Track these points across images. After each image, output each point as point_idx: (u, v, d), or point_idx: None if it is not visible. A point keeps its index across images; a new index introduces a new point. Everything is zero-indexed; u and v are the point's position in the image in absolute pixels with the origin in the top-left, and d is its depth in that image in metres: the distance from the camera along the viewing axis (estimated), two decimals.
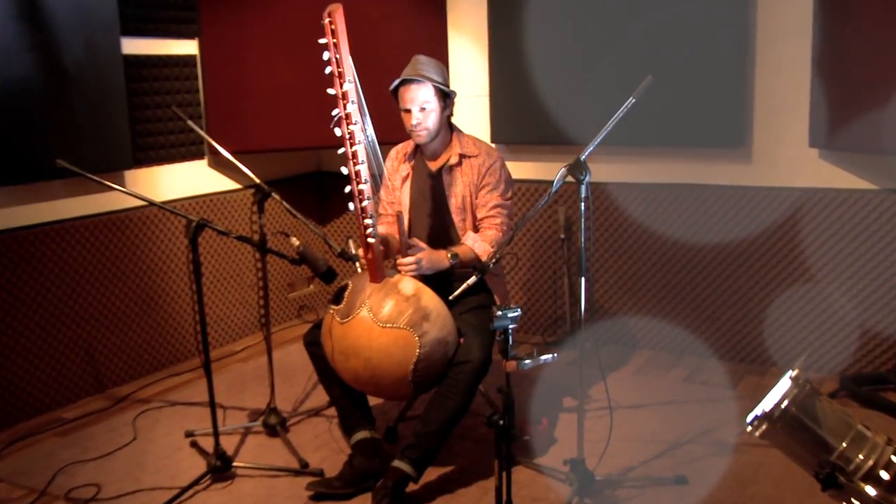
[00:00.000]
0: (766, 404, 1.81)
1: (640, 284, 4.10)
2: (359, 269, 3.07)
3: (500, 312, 2.39)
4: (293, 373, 3.99)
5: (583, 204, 2.59)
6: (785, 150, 3.68)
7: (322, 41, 2.49)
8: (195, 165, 4.29)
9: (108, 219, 3.83)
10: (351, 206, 2.61)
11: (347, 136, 2.53)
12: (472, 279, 2.72)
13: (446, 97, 2.93)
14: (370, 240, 2.65)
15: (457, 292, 2.74)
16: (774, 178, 3.72)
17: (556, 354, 2.43)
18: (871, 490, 1.75)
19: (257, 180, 3.21)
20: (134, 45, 3.90)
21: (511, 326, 2.42)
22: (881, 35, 3.19)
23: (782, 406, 1.80)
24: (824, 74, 3.45)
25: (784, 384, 1.82)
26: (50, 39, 3.44)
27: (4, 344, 3.45)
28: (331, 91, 2.52)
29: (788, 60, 3.61)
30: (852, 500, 1.77)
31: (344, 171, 2.58)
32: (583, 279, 2.63)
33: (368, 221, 2.62)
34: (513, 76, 4.17)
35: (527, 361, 2.42)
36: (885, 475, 1.76)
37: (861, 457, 1.77)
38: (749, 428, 1.85)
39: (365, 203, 2.59)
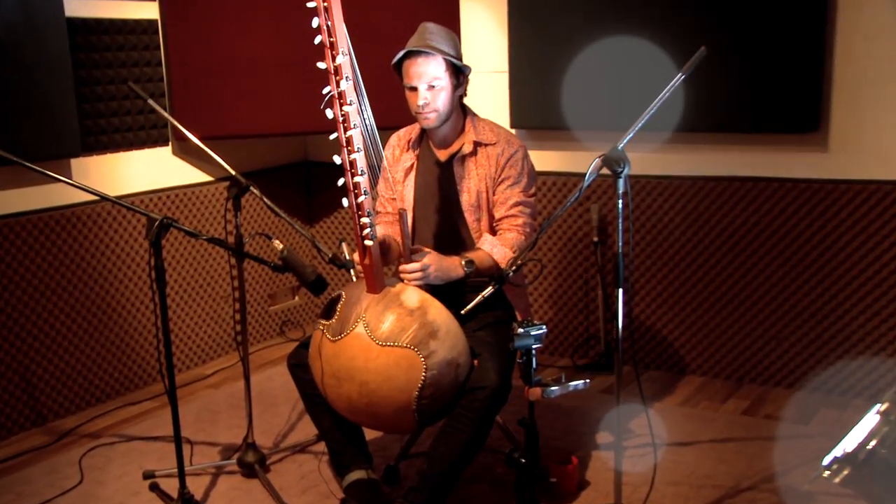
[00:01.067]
0: (848, 444, 1.79)
1: (690, 297, 4.09)
2: (353, 278, 3.07)
3: (521, 330, 2.39)
4: (275, 401, 4.00)
5: (620, 201, 2.59)
6: (871, 135, 3.64)
7: (311, 5, 2.49)
8: (157, 153, 4.30)
9: (51, 216, 3.84)
10: (345, 202, 2.62)
11: (341, 119, 2.53)
12: (489, 290, 2.72)
13: (459, 73, 2.93)
14: (367, 242, 2.65)
15: (470, 305, 2.74)
16: (857, 169, 3.68)
17: (588, 380, 2.42)
18: None
19: (232, 171, 3.22)
20: (80, 7, 3.90)
21: (535, 346, 2.42)
22: None
23: (868, 447, 1.78)
24: None
25: (870, 420, 1.80)
26: None
27: None
28: (321, 65, 2.52)
29: (879, 21, 3.54)
30: None
31: (337, 160, 2.58)
32: (620, 290, 2.62)
33: (365, 220, 2.62)
34: (537, 49, 4.16)
35: (553, 388, 2.41)
36: None
37: None
38: (826, 473, 1.83)
39: (361, 199, 2.59)
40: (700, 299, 4.06)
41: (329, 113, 2.54)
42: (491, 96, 4.35)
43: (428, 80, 2.85)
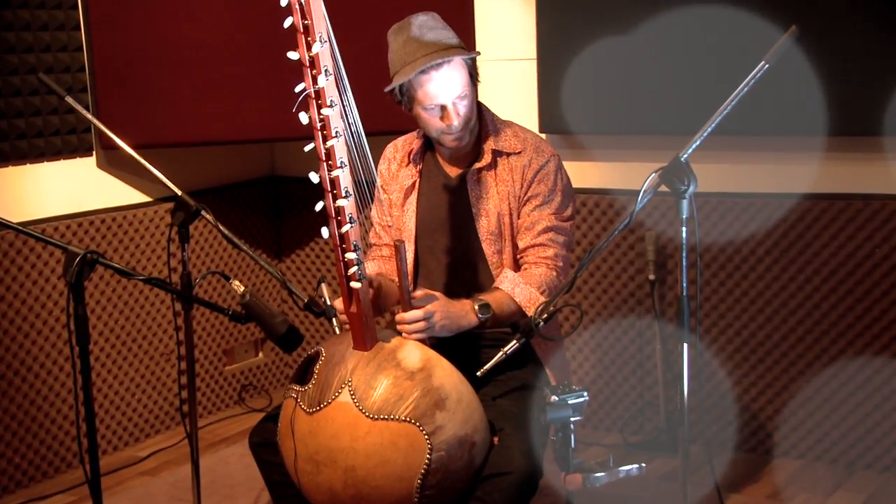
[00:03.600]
0: None
1: (779, 353, 4.09)
2: (336, 330, 3.10)
3: (555, 397, 2.42)
4: (231, 491, 4.00)
5: (684, 228, 2.63)
6: None
7: None
8: (78, 165, 4.34)
9: None
10: (325, 232, 2.65)
11: (319, 125, 2.57)
12: (513, 345, 2.75)
13: (472, 67, 2.97)
14: (354, 284, 2.68)
15: (489, 365, 2.76)
16: None
17: (643, 464, 2.44)
18: None
19: (178, 191, 3.26)
20: None
21: (573, 419, 2.45)
22: None
23: None
24: None
25: None
26: None
27: None
28: (293, 55, 2.55)
29: None
30: None
31: (314, 178, 2.61)
32: (685, 345, 2.65)
33: (352, 256, 2.64)
34: (575, 31, 4.19)
35: (599, 474, 2.44)
36: None
37: None
38: None
39: (346, 228, 2.62)
40: (793, 357, 4.05)
41: (303, 117, 2.56)
42: (514, 92, 4.38)
43: (457, 92, 2.87)
